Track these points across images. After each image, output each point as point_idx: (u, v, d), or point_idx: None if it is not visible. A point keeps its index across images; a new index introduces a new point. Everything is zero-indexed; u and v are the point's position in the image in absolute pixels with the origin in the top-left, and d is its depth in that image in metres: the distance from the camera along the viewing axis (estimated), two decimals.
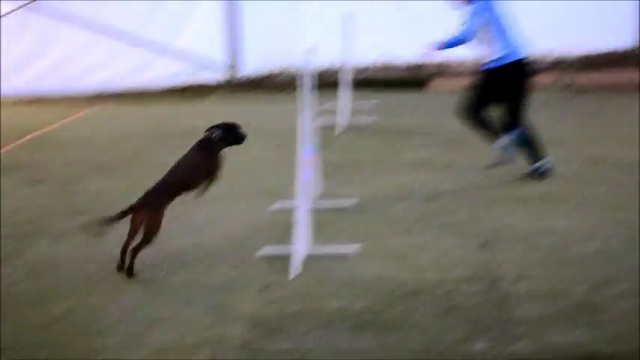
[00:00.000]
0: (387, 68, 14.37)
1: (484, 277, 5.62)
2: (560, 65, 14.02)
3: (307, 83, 6.57)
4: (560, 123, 10.80)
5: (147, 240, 5.91)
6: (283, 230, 6.69)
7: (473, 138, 9.82)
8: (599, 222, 6.70)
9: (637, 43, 14.54)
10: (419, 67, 14.33)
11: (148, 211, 5.92)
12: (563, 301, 5.19)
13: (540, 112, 11.37)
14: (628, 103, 12.18)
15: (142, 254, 6.03)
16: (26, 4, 14.35)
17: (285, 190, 7.84)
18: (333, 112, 11.11)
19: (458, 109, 8.44)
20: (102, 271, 6.06)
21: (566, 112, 11.55)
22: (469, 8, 8.01)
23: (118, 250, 6.16)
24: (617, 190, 7.61)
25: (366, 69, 14.30)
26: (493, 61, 8.02)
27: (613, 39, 14.44)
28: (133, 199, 7.79)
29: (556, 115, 11.27)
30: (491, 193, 7.61)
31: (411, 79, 13.97)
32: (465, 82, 13.54)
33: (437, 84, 13.82)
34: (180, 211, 7.41)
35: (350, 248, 6.21)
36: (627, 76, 13.59)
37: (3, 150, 10.26)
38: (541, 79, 13.49)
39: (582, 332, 4.77)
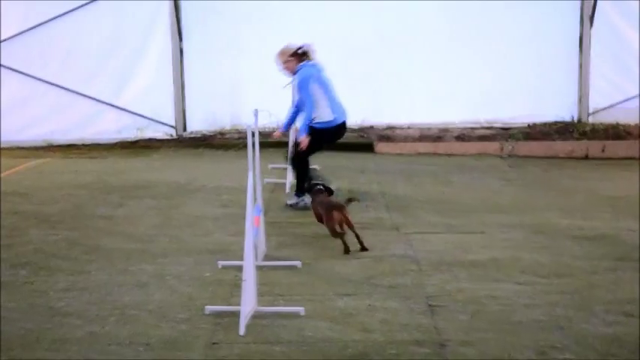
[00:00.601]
0: None
1: (431, 341, 5.64)
2: (505, 134, 14.23)
3: (254, 143, 6.61)
4: (504, 191, 10.94)
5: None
6: (230, 288, 6.69)
7: (418, 202, 9.96)
8: (544, 289, 6.77)
9: (577, 115, 14.85)
10: (367, 130, 14.49)
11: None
12: None
13: (484, 180, 11.59)
14: (569, 172, 12.39)
15: (87, 307, 6.02)
16: None
17: (232, 247, 7.84)
18: (282, 171, 11.18)
19: (291, 157, 9.84)
20: (45, 323, 5.98)
21: (508, 180, 11.70)
22: (295, 78, 9.50)
23: (59, 304, 6.27)
24: (561, 258, 7.69)
25: None
26: (323, 122, 9.47)
27: (555, 111, 14.74)
28: (76, 252, 7.81)
29: (500, 183, 11.42)
30: (437, 257, 7.66)
31: (360, 142, 14.07)
32: (412, 146, 13.81)
33: (384, 147, 13.94)
34: (126, 266, 7.39)
35: (296, 308, 6.19)
36: (568, 146, 13.84)
37: None
38: (487, 147, 13.82)
39: None
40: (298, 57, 9.55)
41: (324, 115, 9.47)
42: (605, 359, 5.38)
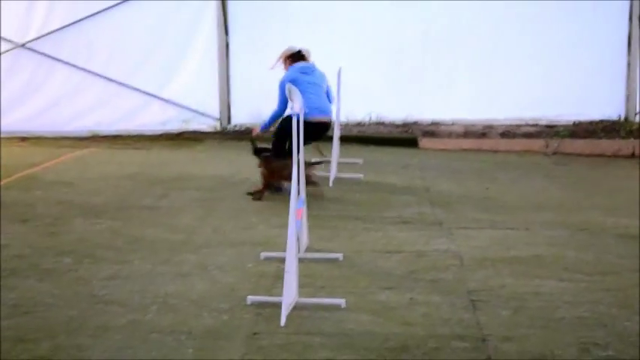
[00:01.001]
0: (379, 125, 14.47)
1: (472, 336, 5.62)
2: (550, 132, 14.13)
3: (299, 137, 6.62)
4: (548, 188, 10.86)
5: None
6: (272, 279, 6.71)
7: (462, 198, 9.93)
8: (586, 287, 6.72)
9: (624, 114, 14.70)
10: (411, 126, 14.45)
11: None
12: None
13: (528, 178, 11.52)
14: (614, 171, 12.28)
15: (130, 295, 6.18)
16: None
17: (274, 239, 7.87)
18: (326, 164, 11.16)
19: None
20: (88, 311, 6.04)
21: (553, 178, 11.61)
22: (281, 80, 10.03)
23: (102, 292, 6.42)
24: (604, 256, 7.63)
25: (359, 124, 14.41)
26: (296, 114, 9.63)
27: (602, 109, 14.60)
28: (120, 242, 7.87)
29: (543, 181, 11.34)
30: (478, 253, 7.62)
31: (404, 137, 14.05)
32: (456, 142, 13.76)
33: (428, 143, 13.91)
34: (169, 256, 7.44)
35: (338, 300, 6.20)
36: (614, 145, 13.72)
37: None
38: (531, 145, 13.73)
39: None
40: (292, 59, 10.26)
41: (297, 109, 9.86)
42: None
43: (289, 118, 9.65)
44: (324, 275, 6.93)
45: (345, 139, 12.44)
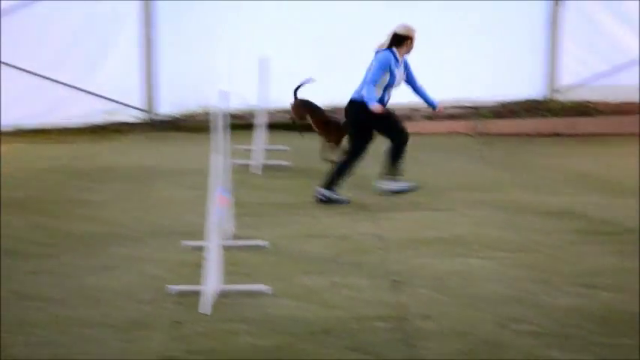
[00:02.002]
0: None
1: (393, 316, 5.71)
2: (474, 113, 14.29)
3: (220, 125, 6.63)
4: (472, 169, 11.01)
5: None
6: (196, 268, 6.71)
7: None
8: (506, 265, 6.85)
9: (547, 93, 14.92)
10: (340, 110, 14.47)
11: None
12: (469, 339, 5.31)
13: (453, 158, 11.66)
14: (538, 150, 12.48)
15: (53, 290, 6.16)
16: None
17: (201, 229, 7.85)
18: (250, 154, 11.19)
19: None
20: (9, 306, 5.97)
21: (477, 158, 11.76)
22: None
23: (24, 288, 6.29)
24: (526, 233, 7.79)
25: (288, 112, 14.40)
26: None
27: (525, 89, 14.81)
28: (44, 237, 7.77)
29: (468, 162, 11.49)
30: (403, 235, 7.72)
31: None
32: None
33: None
34: (94, 249, 7.40)
35: (261, 287, 6.24)
36: (537, 124, 13.93)
37: None
38: (455, 126, 13.88)
39: None
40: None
41: None
42: (564, 329, 5.47)
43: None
44: (250, 262, 6.96)
45: (273, 127, 12.45)
